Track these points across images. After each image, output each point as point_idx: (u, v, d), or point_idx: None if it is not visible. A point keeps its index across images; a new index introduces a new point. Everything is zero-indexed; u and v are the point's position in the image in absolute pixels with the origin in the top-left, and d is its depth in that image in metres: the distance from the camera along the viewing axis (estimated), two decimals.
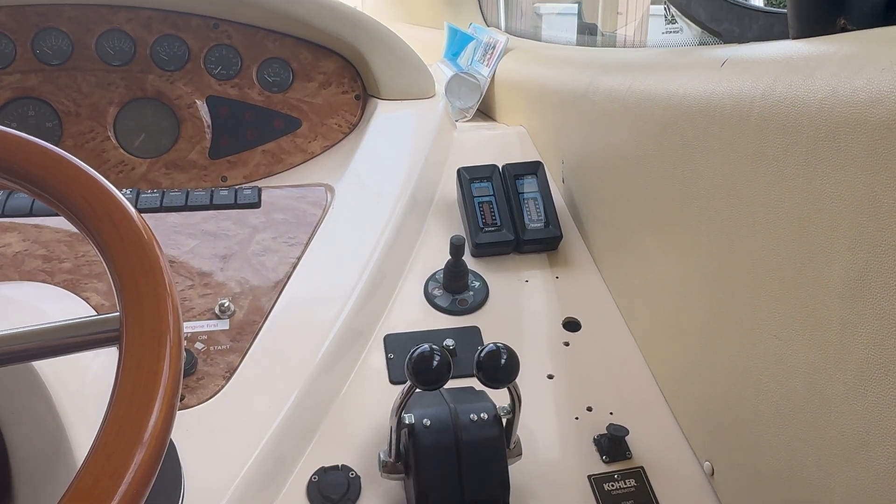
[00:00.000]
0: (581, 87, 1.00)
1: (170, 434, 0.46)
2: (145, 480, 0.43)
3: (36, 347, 0.50)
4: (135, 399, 0.45)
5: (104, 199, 0.53)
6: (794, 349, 0.58)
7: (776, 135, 0.56)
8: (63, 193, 0.54)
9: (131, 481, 0.42)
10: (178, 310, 0.50)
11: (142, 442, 0.44)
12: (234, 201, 0.98)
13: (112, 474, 0.42)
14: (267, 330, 0.84)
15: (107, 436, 0.43)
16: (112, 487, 0.41)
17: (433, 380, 0.64)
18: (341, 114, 1.24)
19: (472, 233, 1.01)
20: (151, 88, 1.19)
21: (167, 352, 0.48)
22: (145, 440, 0.44)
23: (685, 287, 0.77)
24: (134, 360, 0.47)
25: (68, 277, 0.85)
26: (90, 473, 0.42)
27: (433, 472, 0.70)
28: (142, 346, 0.48)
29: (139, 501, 0.43)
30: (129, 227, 0.52)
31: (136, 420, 0.44)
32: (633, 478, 0.79)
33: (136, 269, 0.51)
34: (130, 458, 0.43)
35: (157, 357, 0.47)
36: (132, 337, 0.48)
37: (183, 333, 0.50)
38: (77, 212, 0.53)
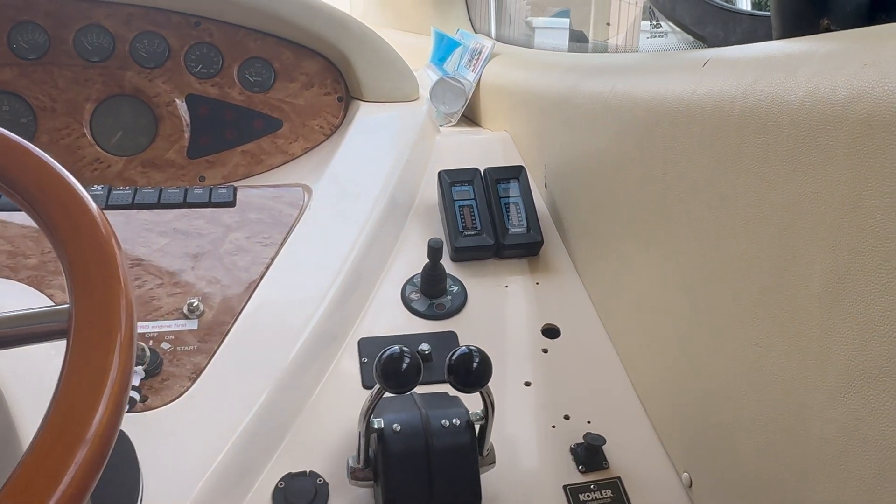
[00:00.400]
0: (564, 90, 0.98)
1: (116, 433, 0.44)
2: (86, 482, 0.41)
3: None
4: (79, 395, 0.43)
5: (59, 188, 0.51)
6: (773, 356, 0.56)
7: (757, 134, 0.55)
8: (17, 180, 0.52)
9: (70, 482, 0.40)
10: (133, 304, 0.48)
11: (84, 440, 0.41)
12: (208, 200, 0.96)
13: (49, 474, 0.39)
14: (237, 331, 0.81)
15: (47, 433, 0.41)
16: (48, 488, 0.39)
17: (402, 383, 0.62)
18: (323, 115, 1.22)
19: (451, 237, 0.99)
20: (130, 85, 1.17)
21: (117, 347, 0.46)
22: (88, 439, 0.41)
23: (665, 293, 0.75)
24: (81, 354, 0.45)
25: (33, 274, 0.83)
26: (26, 473, 0.39)
27: (402, 478, 0.67)
28: (91, 339, 0.46)
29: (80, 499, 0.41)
30: (83, 216, 0.50)
31: (80, 418, 0.42)
32: (610, 488, 0.77)
33: (88, 259, 0.48)
34: (70, 457, 0.40)
35: (106, 351, 0.45)
36: (81, 330, 0.46)
37: (136, 328, 0.47)
38: (31, 199, 0.51)
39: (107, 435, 0.42)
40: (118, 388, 0.44)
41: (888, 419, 0.45)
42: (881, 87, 0.43)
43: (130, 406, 0.72)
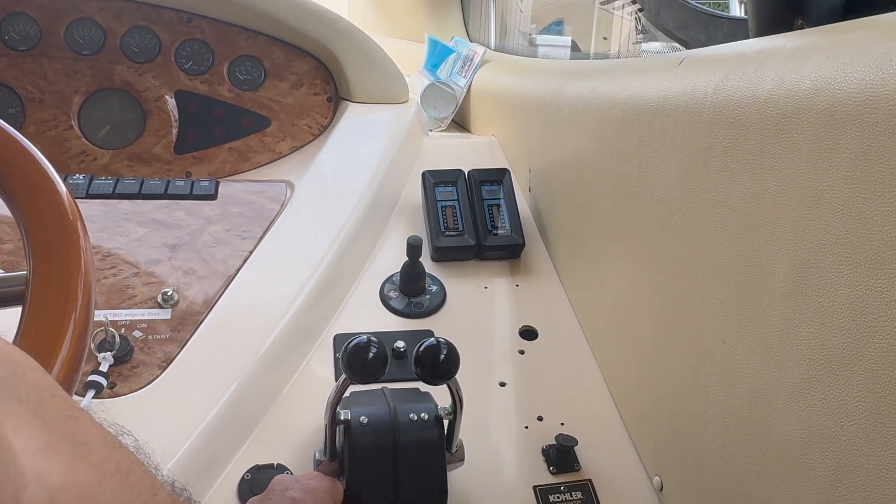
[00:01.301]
0: (549, 94, 0.99)
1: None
2: None
3: None
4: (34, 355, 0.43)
5: (21, 157, 0.51)
6: (739, 353, 0.56)
7: (726, 129, 0.54)
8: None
9: None
10: (91, 272, 0.48)
11: None
12: (189, 192, 0.96)
13: None
14: (210, 322, 0.81)
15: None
16: None
17: (368, 372, 0.62)
18: (312, 115, 1.22)
19: (432, 236, 0.98)
20: (119, 79, 1.17)
21: (74, 313, 0.45)
22: None
23: (639, 293, 0.75)
24: (36, 319, 0.45)
25: (7, 259, 0.82)
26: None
27: (368, 471, 0.67)
28: (46, 305, 0.45)
29: None
30: (43, 183, 0.50)
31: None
32: (580, 490, 0.76)
33: (48, 226, 0.48)
34: None
35: (60, 316, 0.45)
36: (36, 296, 0.46)
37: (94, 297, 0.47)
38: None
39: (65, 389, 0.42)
40: (71, 356, 0.44)
41: (846, 415, 0.45)
42: (842, 78, 0.43)
43: (98, 392, 0.72)
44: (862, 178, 0.41)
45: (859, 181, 0.42)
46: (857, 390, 0.44)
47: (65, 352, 0.45)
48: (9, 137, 0.51)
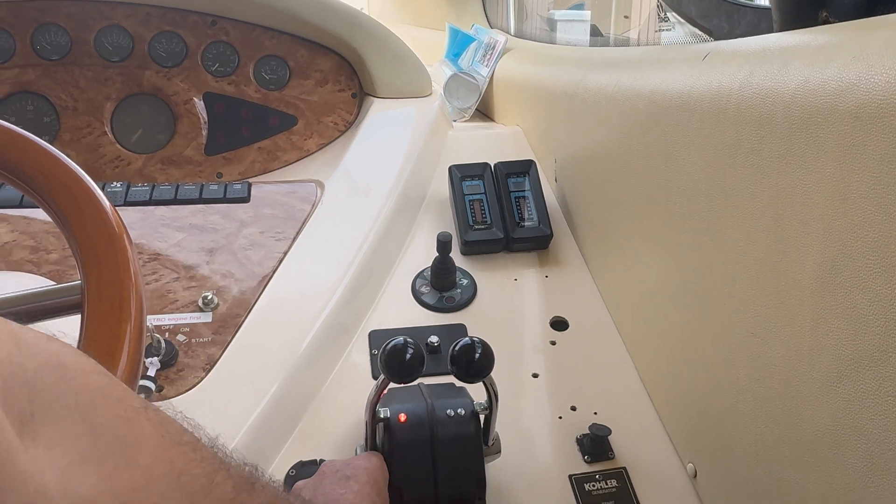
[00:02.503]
0: (572, 84, 0.99)
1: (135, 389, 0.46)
2: None
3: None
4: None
5: (60, 171, 0.53)
6: (769, 346, 0.57)
7: (752, 127, 0.55)
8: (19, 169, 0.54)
9: None
10: (140, 279, 0.50)
11: None
12: (223, 195, 0.98)
13: None
14: (250, 323, 0.83)
15: None
16: None
17: (406, 373, 0.64)
18: (337, 112, 1.24)
19: (461, 230, 1.00)
20: (148, 84, 1.19)
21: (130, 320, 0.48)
22: None
23: (668, 285, 0.76)
24: (94, 327, 0.47)
25: (55, 268, 0.86)
26: None
27: (408, 467, 0.69)
28: (102, 310, 0.48)
29: None
30: (86, 195, 0.52)
31: None
32: (615, 478, 0.78)
33: (94, 235, 0.51)
34: None
35: (117, 323, 0.47)
36: (93, 302, 0.48)
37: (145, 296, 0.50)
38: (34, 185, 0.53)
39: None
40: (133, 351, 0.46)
41: (877, 409, 0.46)
42: (867, 80, 0.43)
43: (147, 395, 0.74)
44: (889, 179, 0.42)
45: (887, 181, 0.42)
46: (886, 385, 0.45)
47: (125, 358, 0.47)
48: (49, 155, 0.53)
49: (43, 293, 0.53)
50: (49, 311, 0.52)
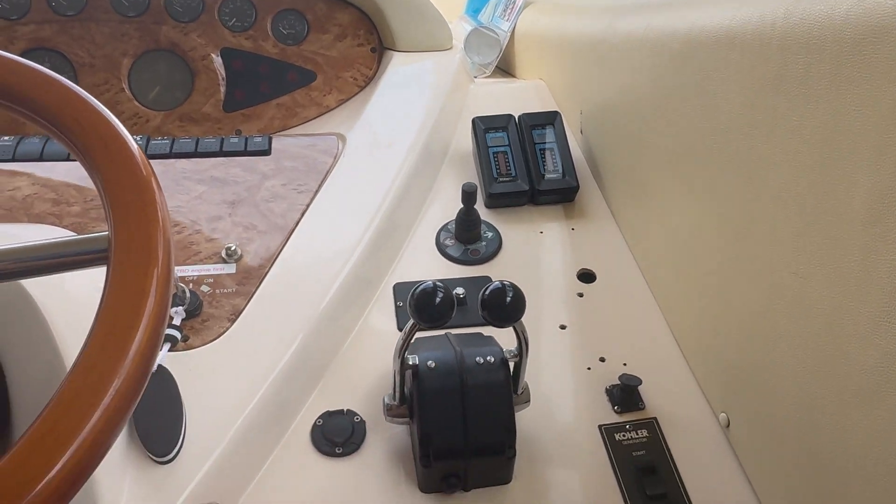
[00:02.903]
0: (599, 32, 0.96)
1: (157, 350, 0.45)
2: (130, 395, 0.42)
3: (24, 266, 0.49)
4: (121, 315, 0.44)
5: (94, 119, 0.52)
6: (813, 285, 0.55)
7: (799, 55, 0.53)
8: (53, 114, 0.53)
9: (115, 395, 0.41)
10: (169, 229, 0.49)
11: (127, 356, 0.42)
12: (244, 148, 0.97)
13: (94, 387, 0.41)
14: (274, 275, 0.82)
15: (90, 349, 0.42)
16: (94, 400, 0.40)
17: (436, 316, 0.62)
18: (357, 66, 1.22)
19: (486, 183, 0.98)
20: (165, 40, 1.17)
21: (156, 269, 0.47)
22: (131, 354, 0.42)
23: (703, 230, 0.74)
24: (120, 276, 0.46)
25: (76, 220, 0.85)
26: (72, 386, 0.41)
27: (437, 414, 0.68)
28: (129, 263, 0.47)
29: (123, 416, 0.42)
30: (118, 145, 0.51)
31: (122, 334, 0.43)
32: (646, 428, 0.77)
33: (125, 187, 0.49)
34: (114, 372, 0.41)
35: (143, 275, 0.46)
36: (120, 255, 0.47)
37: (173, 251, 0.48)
38: (67, 132, 0.52)
39: (149, 351, 0.43)
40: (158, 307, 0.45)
41: None
42: None
43: (172, 345, 0.74)
44: None
45: None
46: None
47: (150, 308, 0.46)
48: (81, 100, 0.52)
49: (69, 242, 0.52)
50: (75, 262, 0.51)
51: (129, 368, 0.42)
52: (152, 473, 0.66)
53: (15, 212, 0.85)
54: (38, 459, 0.37)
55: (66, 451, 0.38)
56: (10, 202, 0.86)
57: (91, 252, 0.49)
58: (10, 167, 0.90)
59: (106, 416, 0.40)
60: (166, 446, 0.67)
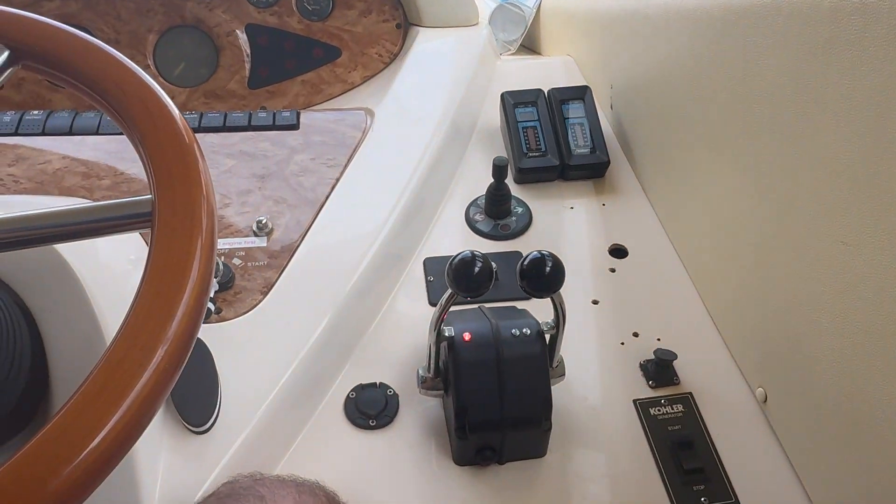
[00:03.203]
0: (633, 3, 0.95)
1: (203, 312, 0.45)
2: (177, 357, 0.42)
3: (67, 228, 0.49)
4: (167, 278, 0.44)
5: (138, 87, 0.51)
6: (863, 254, 0.54)
7: (852, 17, 0.51)
8: (97, 81, 0.53)
9: (163, 356, 0.41)
10: (212, 193, 0.48)
11: (174, 318, 0.42)
12: (272, 123, 0.96)
13: (143, 347, 0.40)
14: (305, 248, 0.82)
15: (138, 312, 0.42)
16: (144, 359, 0.40)
17: (475, 286, 0.62)
18: (382, 43, 1.21)
19: (515, 158, 0.97)
20: (190, 16, 1.17)
21: (201, 236, 0.46)
22: (178, 316, 0.42)
23: (741, 202, 0.73)
24: (166, 240, 0.46)
25: (107, 194, 0.85)
26: (121, 346, 0.40)
27: (473, 387, 0.68)
28: (174, 227, 0.46)
29: (171, 377, 0.42)
30: (161, 112, 0.50)
31: (169, 296, 0.43)
32: (681, 403, 0.76)
33: (168, 153, 0.49)
34: (163, 333, 0.41)
35: (188, 240, 0.46)
36: (164, 218, 0.47)
37: (216, 216, 0.48)
38: (111, 99, 0.52)
39: (195, 314, 0.43)
40: (203, 270, 0.44)
41: None
42: None
43: (206, 317, 0.74)
44: None
45: None
46: None
47: (195, 274, 0.46)
48: (124, 68, 0.52)
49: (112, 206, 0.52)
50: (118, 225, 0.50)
51: (177, 330, 0.42)
52: (189, 443, 0.67)
53: (46, 185, 0.85)
54: (92, 414, 0.37)
55: (118, 407, 0.38)
56: (42, 175, 0.86)
57: (134, 215, 0.48)
58: (40, 141, 0.90)
59: (155, 377, 0.40)
60: (202, 417, 0.67)
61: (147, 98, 0.52)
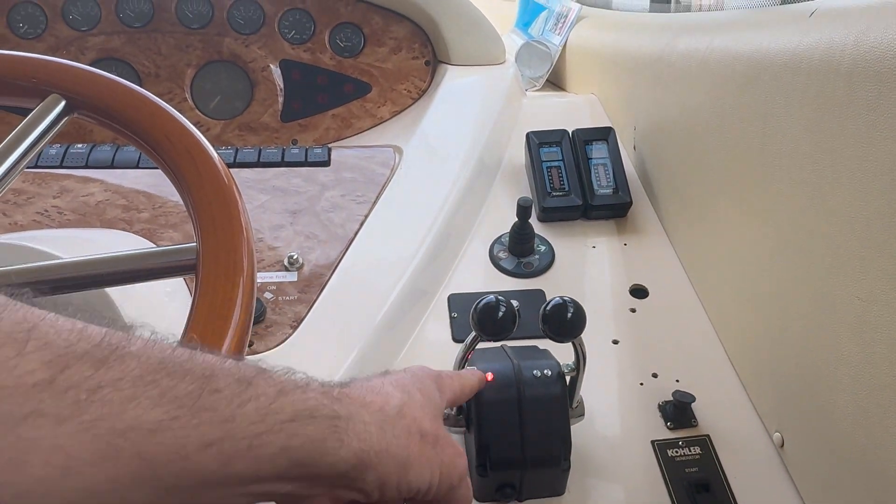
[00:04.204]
0: (657, 49, 0.97)
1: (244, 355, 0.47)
2: None
3: (116, 273, 0.52)
4: (210, 321, 0.47)
5: (184, 137, 0.55)
6: (878, 310, 0.56)
7: (868, 83, 0.53)
8: (144, 130, 0.56)
9: None
10: (252, 241, 0.51)
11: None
12: (304, 159, 1.00)
13: None
14: (334, 284, 0.85)
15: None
16: None
17: (498, 330, 0.64)
18: (411, 79, 1.24)
19: (539, 197, 1.00)
20: (227, 51, 1.21)
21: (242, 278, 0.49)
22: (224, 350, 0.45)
23: (761, 250, 0.74)
24: (209, 286, 0.48)
25: (146, 227, 0.88)
26: None
27: (495, 425, 0.69)
28: (217, 274, 0.49)
29: None
30: (206, 162, 0.54)
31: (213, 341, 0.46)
32: (699, 445, 0.77)
33: (212, 202, 0.52)
34: None
35: (231, 285, 0.49)
36: (208, 266, 0.50)
37: (255, 262, 0.51)
38: (158, 148, 0.55)
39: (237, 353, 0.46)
40: (244, 315, 0.47)
41: None
42: None
43: None
44: None
45: None
46: None
47: (237, 317, 0.48)
48: (172, 119, 0.55)
49: (159, 253, 0.55)
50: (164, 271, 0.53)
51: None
52: None
53: (88, 217, 0.89)
54: None
55: None
56: (84, 207, 0.90)
57: (180, 262, 0.52)
58: (83, 173, 0.94)
59: None
60: None
61: (193, 149, 0.55)
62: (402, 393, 0.49)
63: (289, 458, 0.36)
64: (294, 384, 0.40)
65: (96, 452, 0.29)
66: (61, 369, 0.29)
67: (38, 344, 0.29)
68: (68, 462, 0.28)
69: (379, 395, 0.46)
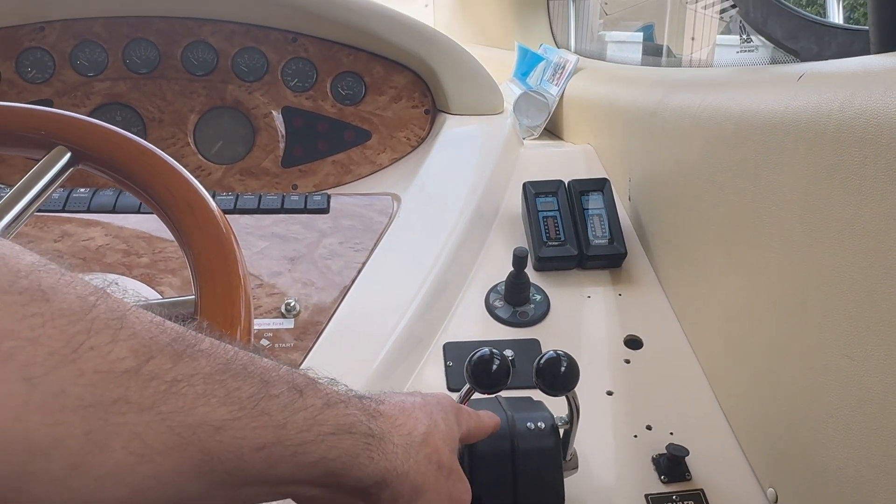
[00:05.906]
0: (651, 104, 0.99)
1: None
2: None
3: None
4: None
5: (185, 190, 0.56)
6: (866, 369, 0.56)
7: (853, 148, 0.55)
8: (147, 183, 0.57)
9: None
10: (250, 296, 0.52)
11: None
12: (303, 206, 1.01)
13: None
14: (330, 331, 0.85)
15: None
16: None
17: (492, 383, 0.65)
18: (410, 127, 1.26)
19: (535, 246, 1.01)
20: (230, 98, 1.24)
21: (237, 335, 0.50)
22: None
23: (752, 306, 0.75)
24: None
25: (145, 272, 0.89)
26: None
27: (488, 478, 0.69)
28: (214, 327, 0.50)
29: None
30: (207, 216, 0.55)
31: None
32: (692, 499, 0.77)
33: (211, 255, 0.53)
34: None
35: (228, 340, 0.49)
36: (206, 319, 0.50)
37: (253, 319, 0.52)
38: (159, 200, 0.56)
39: None
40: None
41: None
42: None
43: None
44: None
45: None
46: None
47: None
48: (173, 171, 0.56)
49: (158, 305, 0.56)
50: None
51: None
52: None
53: (89, 261, 0.89)
54: None
55: None
56: (85, 252, 0.91)
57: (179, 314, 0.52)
58: (85, 217, 0.96)
59: None
60: None
61: (193, 201, 0.56)
62: (429, 420, 0.51)
63: (325, 467, 0.39)
64: (338, 397, 0.43)
65: (168, 443, 0.31)
66: (147, 359, 0.31)
67: (128, 332, 0.31)
68: (144, 450, 0.30)
69: (410, 417, 0.49)
